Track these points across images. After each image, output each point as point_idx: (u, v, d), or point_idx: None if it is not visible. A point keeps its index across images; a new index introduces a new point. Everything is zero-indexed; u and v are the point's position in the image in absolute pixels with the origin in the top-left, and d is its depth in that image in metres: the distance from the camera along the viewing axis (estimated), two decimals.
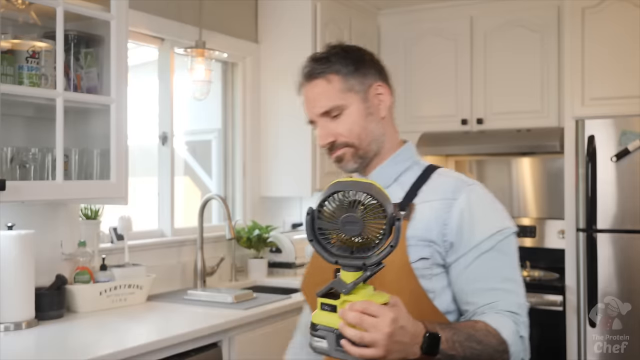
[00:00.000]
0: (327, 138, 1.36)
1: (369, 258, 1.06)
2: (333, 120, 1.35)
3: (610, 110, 3.23)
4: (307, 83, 1.37)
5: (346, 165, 1.38)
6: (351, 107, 1.35)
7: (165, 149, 3.14)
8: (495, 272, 1.28)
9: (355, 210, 1.04)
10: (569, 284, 3.30)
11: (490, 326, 1.22)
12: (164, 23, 3.01)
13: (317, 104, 1.35)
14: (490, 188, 1.42)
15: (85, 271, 2.48)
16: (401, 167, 1.41)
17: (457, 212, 1.29)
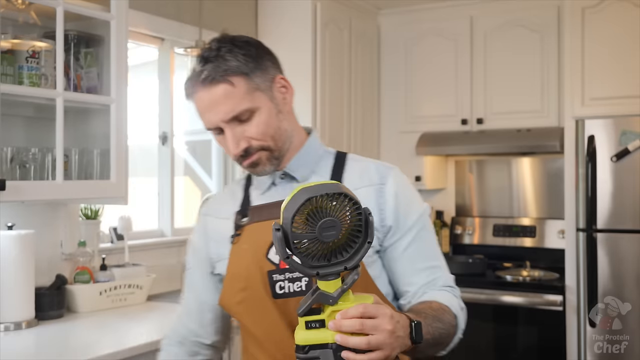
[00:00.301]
0: (240, 145, 1.25)
1: (350, 260, 1.01)
2: (242, 124, 1.25)
3: (610, 110, 3.23)
4: (205, 89, 1.23)
5: (262, 169, 1.29)
6: (261, 108, 1.26)
7: (165, 148, 3.14)
8: (428, 250, 1.32)
9: (332, 214, 0.99)
10: (569, 284, 3.30)
11: (442, 304, 1.24)
12: (164, 23, 3.01)
13: (222, 109, 1.23)
14: (490, 188, 1.43)
15: (85, 271, 2.48)
16: (314, 157, 1.34)
17: (391, 196, 1.29)
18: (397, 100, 3.97)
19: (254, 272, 1.26)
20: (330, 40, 3.49)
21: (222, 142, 1.29)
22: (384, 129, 4.02)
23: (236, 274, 1.29)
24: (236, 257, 1.30)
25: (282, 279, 1.24)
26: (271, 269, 1.25)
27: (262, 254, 1.26)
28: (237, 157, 1.28)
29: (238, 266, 1.29)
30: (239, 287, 1.28)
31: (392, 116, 3.99)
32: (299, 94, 1.46)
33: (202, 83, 1.23)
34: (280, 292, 1.24)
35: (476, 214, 4.04)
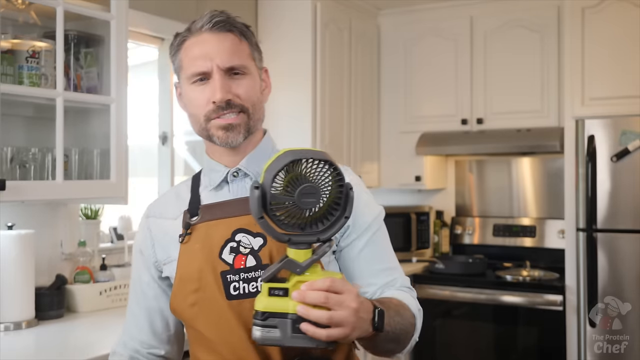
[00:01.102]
0: (227, 94, 1.22)
1: (324, 232, 0.99)
2: (233, 80, 1.24)
3: (610, 110, 3.23)
4: (213, 33, 1.25)
5: (235, 136, 1.24)
6: (253, 75, 1.27)
7: (165, 148, 3.14)
8: (384, 252, 1.30)
9: (314, 181, 0.96)
10: (569, 283, 3.30)
11: (401, 301, 1.23)
12: (164, 23, 3.01)
13: (225, 56, 1.23)
14: (490, 188, 1.43)
15: (85, 271, 2.48)
16: (267, 154, 1.29)
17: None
18: (397, 101, 3.98)
19: (207, 273, 1.21)
20: (330, 40, 3.49)
21: (197, 95, 1.25)
22: (384, 129, 4.02)
23: (187, 276, 1.24)
24: (187, 257, 1.25)
25: (237, 280, 1.20)
26: (225, 270, 1.21)
27: (216, 254, 1.22)
28: (214, 109, 1.23)
29: (189, 267, 1.24)
30: (191, 289, 1.23)
31: (392, 116, 3.99)
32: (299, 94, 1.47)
33: (212, 27, 1.25)
34: (234, 294, 1.20)
35: (476, 214, 4.04)
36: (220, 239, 1.22)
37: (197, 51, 1.25)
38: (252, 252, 1.21)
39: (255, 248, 1.21)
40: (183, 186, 1.37)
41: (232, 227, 1.22)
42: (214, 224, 1.24)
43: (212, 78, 1.23)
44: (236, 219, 1.23)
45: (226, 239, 1.22)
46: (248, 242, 1.21)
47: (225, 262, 1.21)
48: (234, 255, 1.21)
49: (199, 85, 1.25)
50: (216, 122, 1.24)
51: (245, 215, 1.20)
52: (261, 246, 1.21)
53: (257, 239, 1.21)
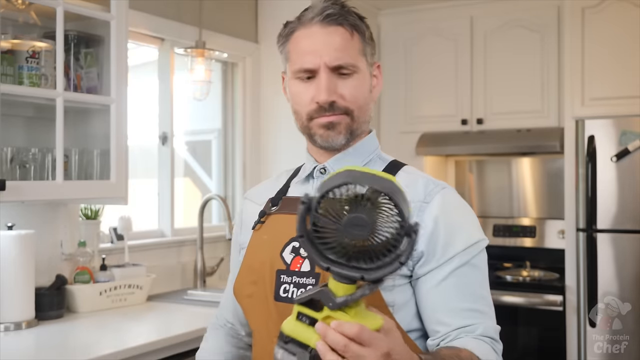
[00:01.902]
0: (332, 95, 1.15)
1: (370, 272, 0.85)
2: (340, 79, 1.16)
3: (610, 110, 3.23)
4: (323, 27, 1.15)
5: (336, 137, 1.17)
6: (362, 73, 1.18)
7: (165, 149, 3.14)
8: (470, 290, 1.13)
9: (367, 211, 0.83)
10: (569, 284, 3.30)
11: (474, 355, 1.06)
12: (164, 23, 3.01)
13: (333, 54, 1.14)
14: (490, 188, 1.40)
15: (85, 271, 2.48)
16: (363, 158, 1.23)
17: (431, 219, 1.13)
18: (397, 101, 3.97)
19: (266, 267, 1.17)
20: None
21: (302, 90, 1.18)
22: (384, 129, 4.02)
23: (250, 265, 1.20)
24: (255, 246, 1.21)
25: (289, 282, 1.14)
26: (281, 268, 1.15)
27: (278, 249, 1.17)
28: (317, 109, 1.16)
29: (254, 257, 1.20)
30: (250, 280, 1.19)
31: (392, 116, 3.99)
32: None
33: (322, 20, 1.15)
34: (283, 295, 1.14)
35: (476, 214, 4.01)
36: (286, 235, 1.17)
37: (305, 45, 1.17)
38: (309, 257, 1.13)
39: None
40: (285, 174, 1.33)
41: None
42: (285, 218, 1.19)
43: (319, 76, 1.16)
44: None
45: (291, 237, 1.16)
46: None
47: (284, 260, 1.16)
48: (293, 255, 1.15)
49: (304, 82, 1.18)
50: (318, 120, 1.18)
51: None
52: None
53: None
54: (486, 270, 1.17)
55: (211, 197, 3.15)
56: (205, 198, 3.14)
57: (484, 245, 1.17)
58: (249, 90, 3.56)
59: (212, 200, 3.25)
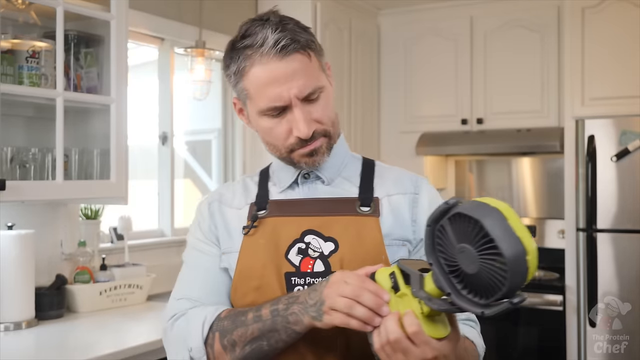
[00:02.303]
0: (312, 126, 1.13)
1: (465, 302, 0.87)
2: (309, 104, 1.13)
3: (610, 110, 3.23)
4: (280, 59, 1.09)
5: (320, 159, 1.16)
6: (325, 89, 1.16)
7: (165, 149, 3.14)
8: None
9: (477, 249, 0.82)
10: (569, 284, 3.30)
11: (471, 342, 1.13)
12: (164, 23, 3.01)
13: (299, 83, 1.10)
14: (490, 188, 1.41)
15: (85, 271, 2.48)
16: (342, 159, 1.23)
17: (425, 209, 1.18)
18: (397, 100, 3.97)
19: (270, 271, 1.14)
20: (330, 40, 3.49)
21: (274, 126, 1.14)
22: (384, 129, 4.02)
23: (249, 271, 1.16)
24: (250, 251, 1.17)
25: (302, 284, 1.12)
26: (290, 271, 1.13)
27: (282, 253, 1.14)
28: (297, 142, 1.14)
29: (252, 262, 1.16)
30: (252, 286, 1.15)
31: (392, 116, 3.99)
32: None
33: (277, 53, 1.09)
34: None
35: None
36: (288, 238, 1.15)
37: (267, 82, 1.11)
38: (321, 256, 1.13)
39: (326, 253, 1.13)
40: (249, 180, 1.30)
41: (302, 228, 1.15)
42: (282, 221, 1.17)
43: (292, 111, 1.12)
44: (306, 219, 1.16)
45: (295, 239, 1.15)
46: (318, 246, 1.14)
47: (291, 263, 1.14)
48: (301, 257, 1.14)
49: (275, 118, 1.13)
50: (300, 151, 1.15)
51: (317, 216, 1.16)
52: (332, 252, 1.13)
53: (327, 243, 1.14)
54: None
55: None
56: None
57: None
58: None
59: None
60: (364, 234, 1.14)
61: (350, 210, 1.16)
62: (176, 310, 1.20)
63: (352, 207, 1.17)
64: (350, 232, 1.14)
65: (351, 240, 1.14)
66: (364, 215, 1.15)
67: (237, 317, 1.11)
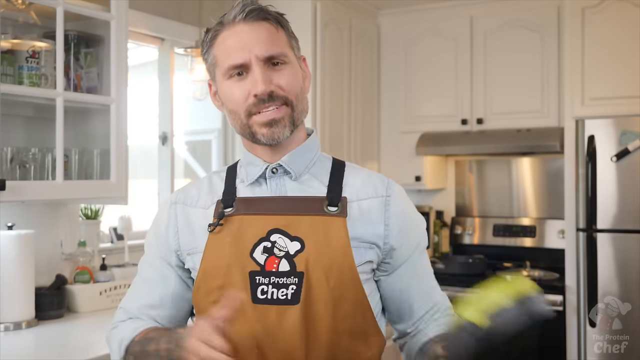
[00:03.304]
0: (269, 85, 1.13)
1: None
2: (273, 70, 1.15)
3: (610, 110, 3.23)
4: (247, 23, 1.15)
5: (281, 131, 1.15)
6: (292, 64, 1.18)
7: (165, 148, 3.14)
8: (429, 270, 1.28)
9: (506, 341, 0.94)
10: (569, 284, 3.30)
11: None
12: (164, 23, 3.01)
13: (263, 45, 1.14)
14: (490, 188, 1.42)
15: (85, 271, 2.48)
16: (312, 156, 1.22)
17: (397, 212, 1.20)
18: (397, 101, 3.97)
19: (234, 270, 1.13)
20: (330, 40, 3.49)
21: (235, 90, 1.15)
22: (384, 129, 4.02)
23: (213, 270, 1.15)
24: (215, 250, 1.16)
25: (266, 283, 1.12)
26: (254, 270, 1.13)
27: (247, 251, 1.14)
28: (256, 103, 1.14)
29: (216, 261, 1.15)
30: (215, 285, 1.15)
31: (392, 116, 3.99)
32: None
33: (245, 17, 1.15)
34: (261, 297, 1.12)
35: (476, 214, 4.03)
36: (254, 236, 1.14)
37: (232, 43, 1.15)
38: (286, 256, 1.13)
39: (291, 252, 1.13)
40: (216, 176, 1.29)
41: (268, 226, 1.15)
42: (248, 219, 1.16)
43: (252, 70, 1.14)
44: (273, 218, 1.15)
45: (260, 238, 1.14)
46: (284, 245, 1.13)
47: (256, 261, 1.13)
48: (266, 256, 1.13)
49: (238, 81, 1.15)
50: (258, 118, 1.15)
51: (283, 215, 1.15)
52: (298, 251, 1.13)
53: (294, 242, 1.13)
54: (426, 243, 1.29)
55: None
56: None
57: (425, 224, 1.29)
58: None
59: None
60: (330, 235, 1.13)
61: (318, 209, 1.16)
62: (116, 318, 1.30)
63: (320, 206, 1.16)
64: (317, 232, 1.14)
65: (317, 240, 1.13)
66: (331, 216, 1.15)
67: (145, 345, 1.16)
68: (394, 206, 1.20)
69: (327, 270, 1.11)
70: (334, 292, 1.12)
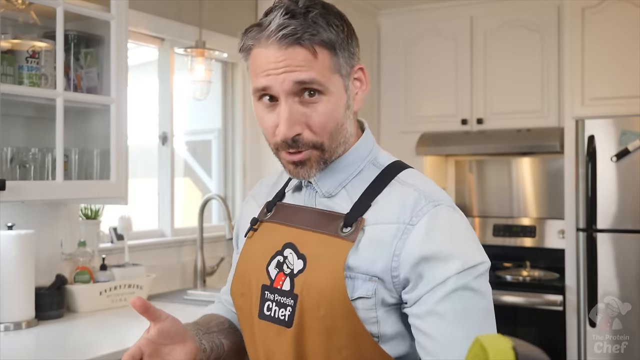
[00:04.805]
0: (295, 128, 1.00)
1: None
2: (303, 106, 1.00)
3: (610, 110, 3.23)
4: (280, 48, 0.98)
5: (307, 173, 1.04)
6: (332, 95, 1.01)
7: (165, 149, 3.14)
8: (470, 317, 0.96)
9: None
10: (569, 284, 3.30)
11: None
12: (164, 23, 3.01)
13: (293, 76, 0.98)
14: (490, 188, 1.39)
15: (85, 271, 2.48)
16: (355, 168, 1.08)
17: (415, 243, 0.98)
18: (397, 101, 3.97)
19: (253, 282, 1.10)
20: None
21: (265, 115, 1.03)
22: (383, 129, 4.02)
23: (241, 276, 1.13)
24: (246, 255, 1.14)
25: (272, 300, 1.05)
26: (266, 284, 1.07)
27: (265, 262, 1.08)
28: (281, 143, 1.02)
29: (245, 266, 1.13)
30: (240, 292, 1.13)
31: (391, 116, 3.99)
32: None
33: (279, 39, 0.98)
34: (267, 314, 1.06)
35: (476, 214, 4.04)
36: (273, 247, 1.08)
37: (262, 64, 1.00)
38: (291, 274, 1.04)
39: (295, 271, 1.04)
40: (284, 175, 1.20)
41: (286, 239, 1.07)
42: (274, 228, 1.11)
43: (279, 104, 1.01)
44: (291, 230, 1.08)
45: (277, 250, 1.08)
46: (292, 262, 1.05)
47: (269, 275, 1.07)
48: (277, 271, 1.06)
49: (267, 107, 1.03)
50: (284, 155, 1.04)
51: (300, 228, 1.07)
52: (299, 271, 1.03)
53: (299, 260, 1.04)
54: (490, 296, 1.00)
55: (211, 197, 3.15)
56: (205, 198, 3.14)
57: (485, 268, 1.00)
58: (249, 90, 3.55)
59: (212, 200, 3.25)
60: (330, 259, 1.01)
61: (332, 228, 1.03)
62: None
63: (335, 225, 1.03)
64: (320, 253, 1.03)
65: (318, 262, 1.02)
66: (340, 238, 1.01)
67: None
68: (414, 236, 0.99)
69: (319, 297, 0.99)
70: (325, 321, 0.99)
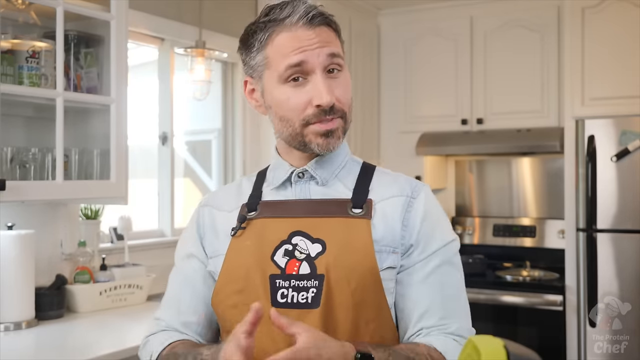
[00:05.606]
0: (333, 97, 1.11)
1: None
2: (332, 79, 1.13)
3: (610, 110, 3.23)
4: (310, 28, 1.10)
5: (335, 142, 1.13)
6: (347, 72, 1.17)
7: (165, 149, 3.14)
8: (451, 290, 1.14)
9: None
10: (569, 284, 3.30)
11: (432, 350, 1.08)
12: (164, 23, 3.01)
13: (326, 51, 1.11)
14: (490, 188, 1.40)
15: (85, 271, 2.48)
16: (340, 161, 1.19)
17: (420, 213, 1.14)
18: (397, 100, 3.97)
19: (255, 274, 1.11)
20: None
21: (292, 95, 1.11)
22: (383, 129, 4.02)
23: (233, 273, 1.14)
24: (235, 253, 1.15)
25: (286, 286, 1.10)
26: (275, 273, 1.11)
27: (268, 254, 1.12)
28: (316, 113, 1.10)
29: (237, 264, 1.14)
30: (234, 289, 1.13)
31: (391, 116, 3.99)
32: None
33: (309, 20, 1.10)
34: (282, 301, 1.09)
35: (476, 214, 4.04)
36: (276, 239, 1.13)
37: (293, 47, 1.10)
38: (307, 258, 1.10)
39: (312, 255, 1.10)
40: (246, 181, 1.27)
41: (291, 228, 1.13)
42: (271, 222, 1.15)
43: (313, 77, 1.10)
44: (296, 220, 1.14)
45: (282, 240, 1.12)
46: (305, 248, 1.11)
47: (277, 264, 1.11)
48: (287, 259, 1.11)
49: (295, 87, 1.11)
50: (315, 127, 1.11)
51: (306, 217, 1.13)
52: (319, 254, 1.10)
53: (315, 244, 1.11)
54: (461, 269, 1.18)
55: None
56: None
57: (458, 245, 1.19)
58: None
59: None
60: (353, 237, 1.10)
61: (342, 211, 1.13)
62: (150, 330, 1.28)
63: (344, 208, 1.13)
64: (339, 233, 1.11)
65: (339, 242, 1.10)
66: (355, 217, 1.12)
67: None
68: (417, 207, 1.15)
69: (349, 272, 1.07)
70: (355, 296, 1.08)
